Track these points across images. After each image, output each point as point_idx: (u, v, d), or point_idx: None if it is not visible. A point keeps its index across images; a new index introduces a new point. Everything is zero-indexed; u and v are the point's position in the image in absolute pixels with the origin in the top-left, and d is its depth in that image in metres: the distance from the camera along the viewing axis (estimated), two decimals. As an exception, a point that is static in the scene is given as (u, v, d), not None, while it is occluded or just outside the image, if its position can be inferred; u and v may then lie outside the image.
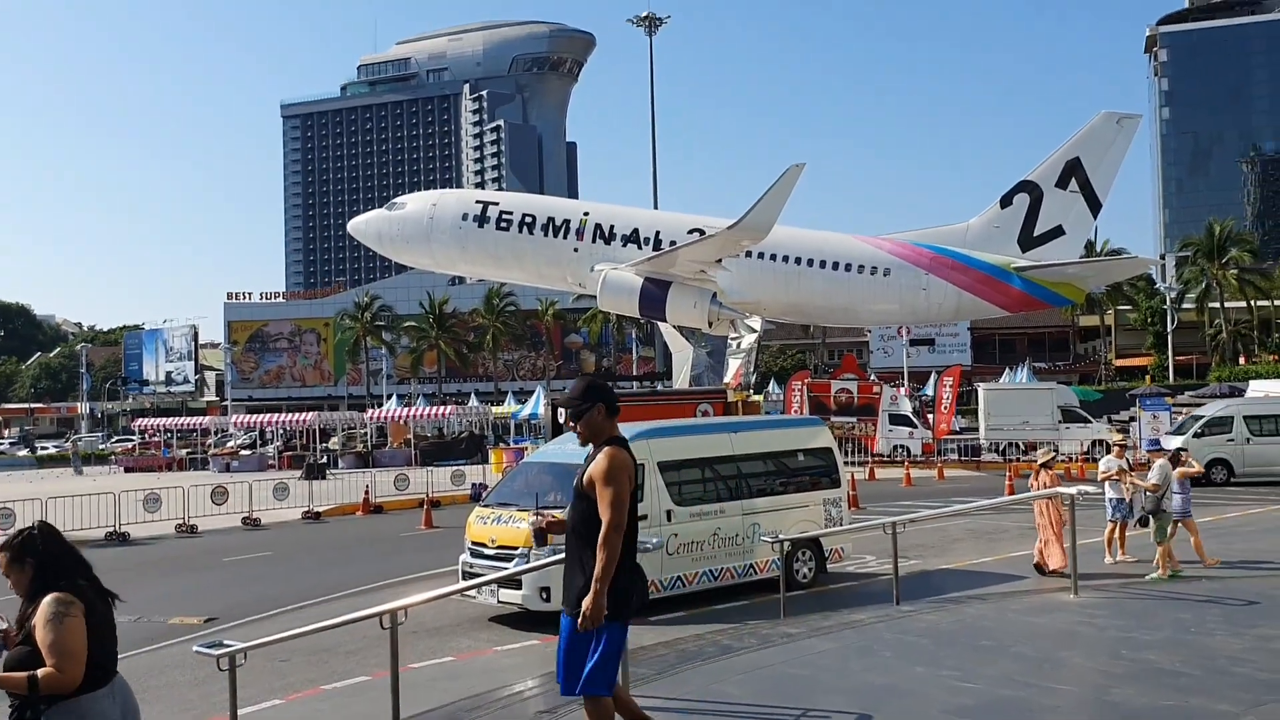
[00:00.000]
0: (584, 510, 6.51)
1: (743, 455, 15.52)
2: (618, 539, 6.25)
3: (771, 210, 31.22)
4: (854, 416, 38.50)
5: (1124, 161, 37.82)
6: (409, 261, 43.39)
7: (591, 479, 6.47)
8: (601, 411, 6.73)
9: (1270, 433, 29.86)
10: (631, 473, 6.51)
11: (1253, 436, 29.76)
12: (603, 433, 6.73)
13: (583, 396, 6.82)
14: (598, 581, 6.17)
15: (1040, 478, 16.52)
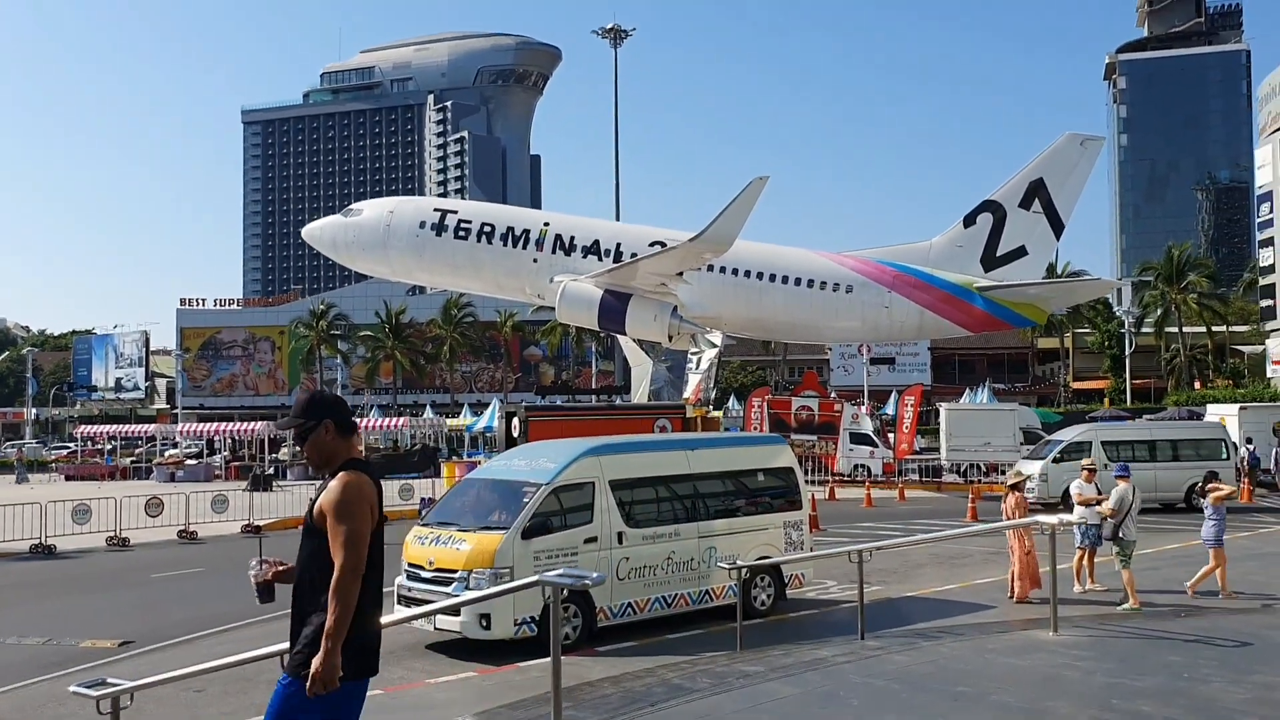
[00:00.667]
0: (314, 548, 5.37)
1: (700, 474, 14.75)
2: (354, 584, 5.16)
3: (734, 223, 30.68)
4: (815, 435, 37.94)
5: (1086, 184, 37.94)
6: (364, 269, 42.41)
7: (322, 511, 5.32)
8: (331, 430, 5.50)
9: (1128, 459, 29.15)
10: (374, 503, 5.38)
11: (1110, 462, 29.34)
12: (335, 456, 5.52)
13: (305, 412, 5.56)
14: (329, 638, 5.08)
15: (1009, 500, 15.95)
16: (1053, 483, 28.88)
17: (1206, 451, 30.08)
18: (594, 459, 13.82)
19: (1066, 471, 28.33)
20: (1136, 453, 29.71)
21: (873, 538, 23.40)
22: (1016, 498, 15.88)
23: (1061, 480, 28.19)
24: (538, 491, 13.31)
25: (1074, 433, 31.55)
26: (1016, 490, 16.03)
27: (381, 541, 5.43)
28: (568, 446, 14.57)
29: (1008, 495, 16.14)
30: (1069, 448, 30.00)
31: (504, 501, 13.62)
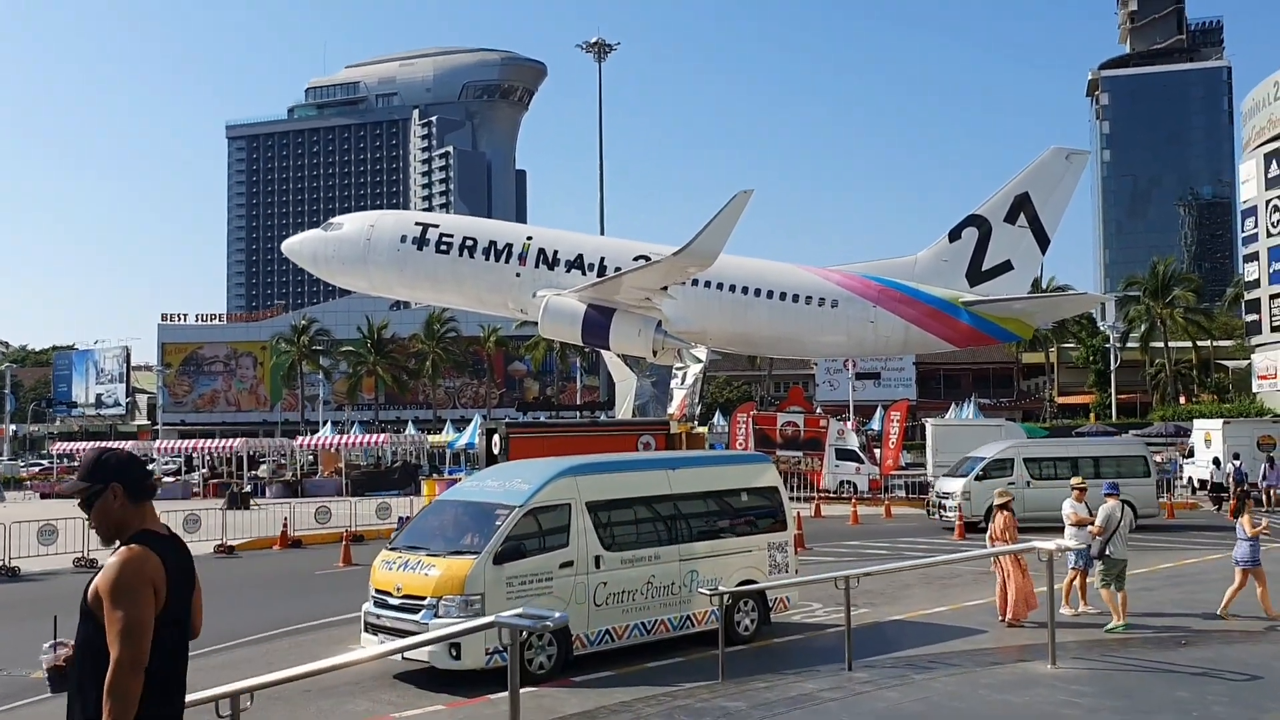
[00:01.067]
0: (87, 635, 4.60)
1: (681, 494, 14.20)
2: (132, 681, 4.39)
3: (718, 236, 30.28)
4: (800, 450, 37.52)
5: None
6: (345, 284, 41.94)
7: (96, 593, 4.54)
8: (119, 495, 4.68)
9: (1050, 476, 28.91)
10: (160, 583, 4.57)
11: (1033, 480, 28.90)
12: (125, 525, 4.70)
13: (90, 474, 4.74)
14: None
15: (997, 521, 15.50)
16: (975, 501, 28.36)
17: (1127, 469, 29.43)
18: (570, 479, 13.29)
19: (989, 489, 27.93)
20: (1059, 470, 29.12)
21: (859, 557, 22.94)
22: (1004, 518, 15.41)
23: (984, 498, 27.52)
24: (511, 514, 12.78)
25: (995, 449, 30.96)
26: (1004, 510, 15.54)
27: (187, 622, 4.73)
28: (543, 466, 14.04)
29: (995, 515, 15.68)
30: (991, 465, 29.50)
31: (476, 524, 13.05)
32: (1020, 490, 28.06)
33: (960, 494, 28.39)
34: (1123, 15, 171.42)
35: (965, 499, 28.39)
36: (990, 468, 29.29)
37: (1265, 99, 67.50)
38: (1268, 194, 64.57)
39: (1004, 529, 15.27)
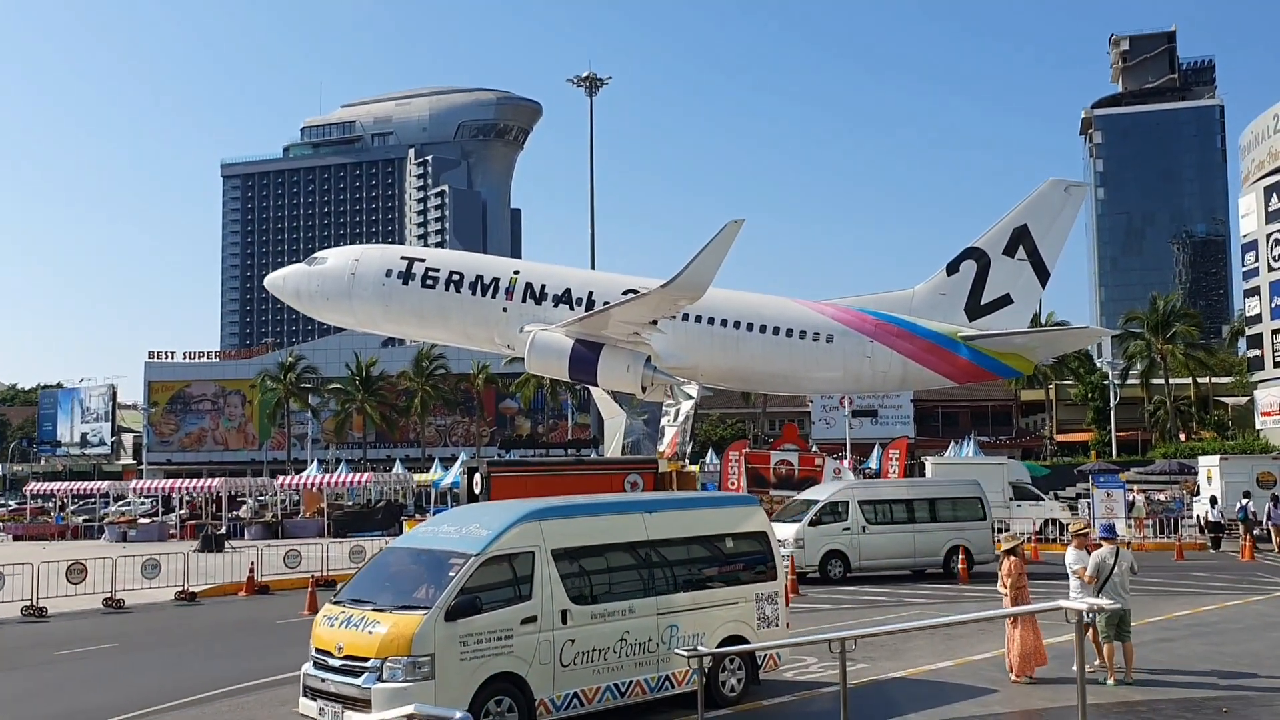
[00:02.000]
0: None
1: (660, 540, 12.90)
2: None
3: (708, 268, 29.28)
4: (794, 490, 36.13)
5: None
6: (329, 320, 40.99)
7: None
8: None
9: (886, 520, 27.46)
10: None
11: (869, 524, 27.37)
12: None
13: None
14: None
15: (1004, 567, 14.34)
16: (809, 549, 26.85)
17: (964, 511, 28.32)
18: (534, 524, 11.99)
19: (825, 535, 26.84)
20: (895, 513, 27.77)
21: (856, 604, 21.63)
22: (1013, 563, 14.21)
23: (819, 545, 26.58)
24: (466, 563, 11.45)
25: (828, 492, 29.22)
26: (1013, 555, 14.32)
27: None
28: (504, 510, 12.81)
29: (1002, 561, 14.47)
30: (825, 509, 27.81)
31: (428, 575, 11.72)
32: (855, 536, 26.91)
33: (793, 541, 26.25)
34: (1115, 55, 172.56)
35: (798, 547, 26.45)
36: (823, 512, 27.66)
37: (1265, 132, 66.80)
38: (1268, 228, 63.64)
39: (1011, 577, 14.08)
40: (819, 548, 26.42)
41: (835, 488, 30.08)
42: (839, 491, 29.06)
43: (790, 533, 26.87)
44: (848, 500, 27.95)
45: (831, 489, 29.62)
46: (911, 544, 26.84)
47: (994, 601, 16.63)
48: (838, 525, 27.02)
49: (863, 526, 26.94)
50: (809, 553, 26.68)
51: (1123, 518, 34.26)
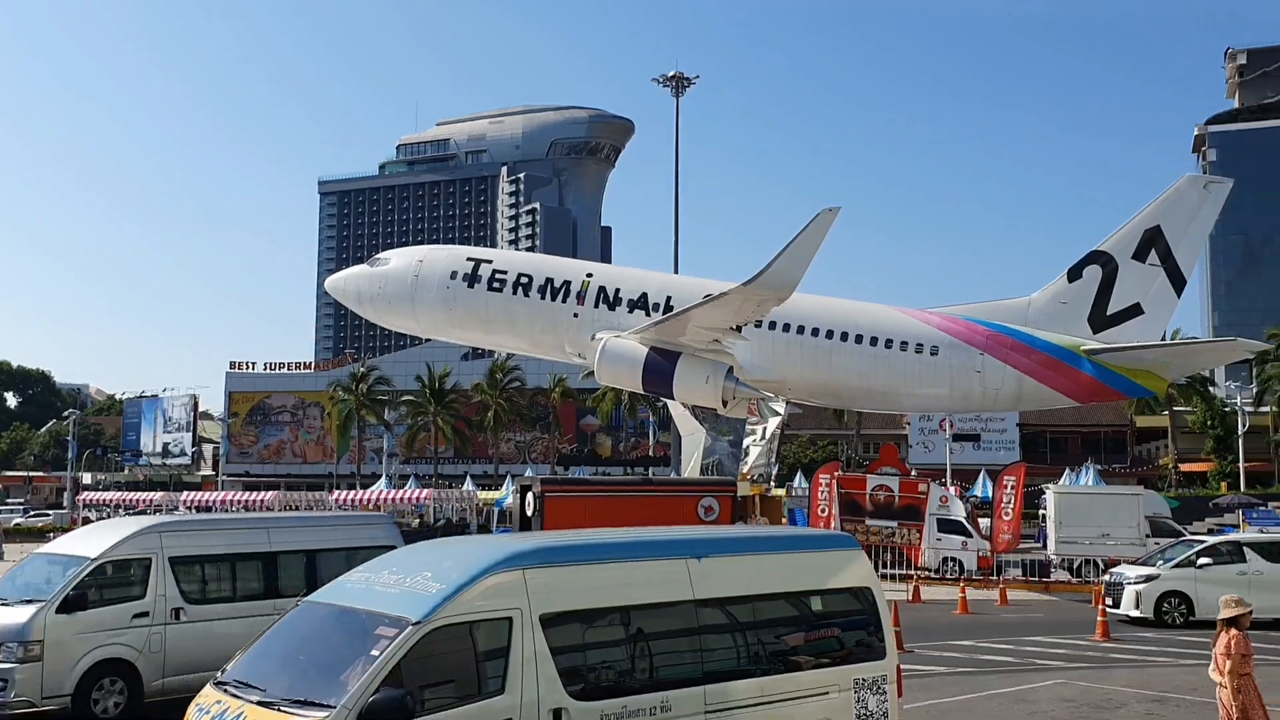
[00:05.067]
0: None
1: (713, 599, 9.00)
2: None
3: (798, 262, 26.06)
4: (894, 520, 32.37)
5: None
6: (391, 325, 39.09)
7: None
8: None
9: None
10: None
11: None
12: None
13: None
14: None
15: (1222, 643, 10.44)
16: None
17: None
18: (514, 574, 8.18)
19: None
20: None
21: (978, 666, 17.88)
22: (1234, 637, 10.36)
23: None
24: (400, 636, 7.70)
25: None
26: (1235, 627, 10.44)
27: None
28: (472, 553, 8.88)
29: (1220, 635, 10.60)
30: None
31: (346, 650, 8.03)
32: None
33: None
34: (1231, 69, 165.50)
35: None
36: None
37: None
38: None
39: (1230, 654, 10.33)
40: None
41: None
42: None
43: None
44: None
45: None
46: None
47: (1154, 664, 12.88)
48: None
49: None
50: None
51: (1281, 559, 29.79)
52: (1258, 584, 22.92)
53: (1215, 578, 23.17)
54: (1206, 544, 24.93)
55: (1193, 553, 24.49)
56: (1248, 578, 23.12)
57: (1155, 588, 23.78)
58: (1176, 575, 23.86)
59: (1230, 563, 23.87)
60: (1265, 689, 10.41)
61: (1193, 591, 23.46)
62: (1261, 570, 23.52)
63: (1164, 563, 24.66)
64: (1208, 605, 22.27)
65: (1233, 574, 23.32)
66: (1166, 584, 23.82)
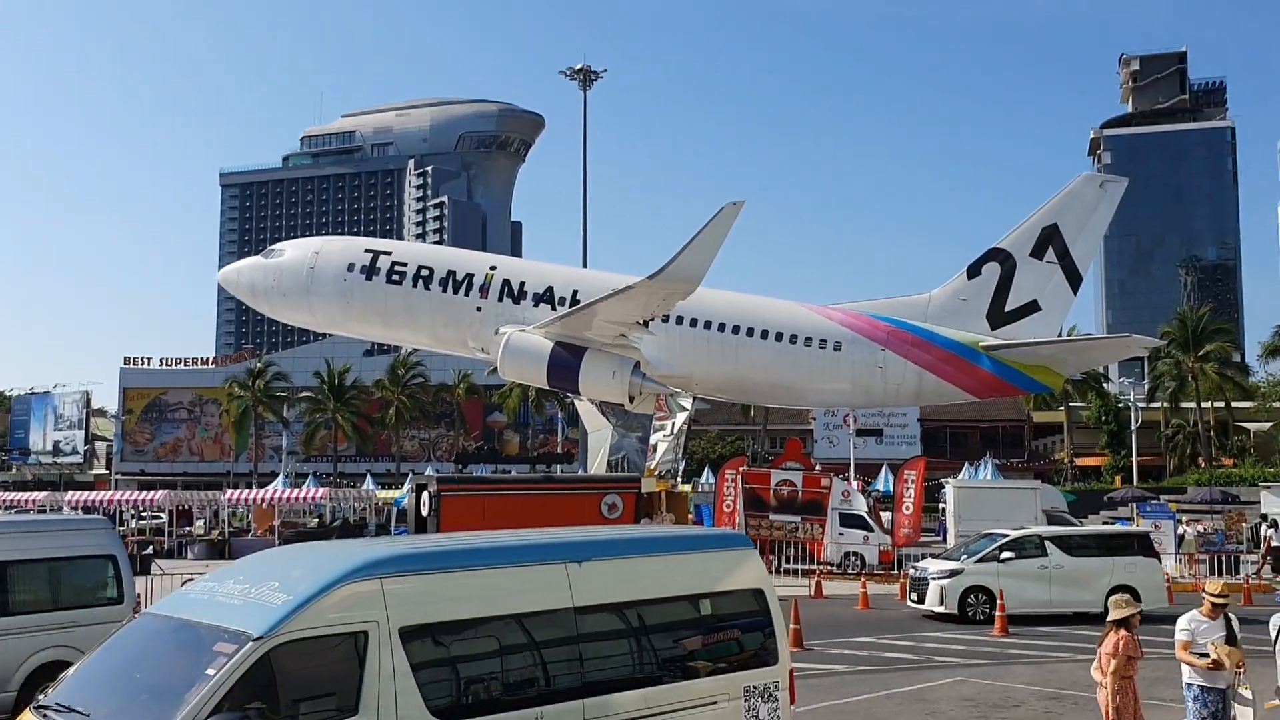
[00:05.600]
0: None
1: (592, 606, 8.35)
2: None
3: (703, 255, 25.77)
4: (798, 515, 32.29)
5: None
6: (287, 319, 37.81)
7: None
8: None
9: None
10: None
11: None
12: None
13: None
14: None
15: (1109, 643, 10.13)
16: None
17: None
18: (370, 584, 7.38)
19: None
20: None
21: (878, 664, 17.70)
22: (1123, 638, 10.03)
23: None
24: (241, 652, 6.91)
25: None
26: (1125, 628, 10.08)
27: None
28: (326, 560, 7.96)
29: (1107, 634, 10.27)
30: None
31: (182, 668, 7.20)
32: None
33: None
34: (1125, 75, 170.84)
35: None
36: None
37: None
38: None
39: (1116, 654, 10.01)
40: None
41: None
42: None
43: None
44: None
45: None
46: None
47: (1052, 660, 12.87)
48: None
49: None
50: None
51: (1173, 553, 30.44)
52: (1058, 578, 23.32)
53: (1018, 572, 23.25)
54: (1009, 538, 24.45)
55: (995, 547, 24.06)
56: (1049, 571, 23.34)
57: (959, 583, 23.38)
58: (980, 570, 23.49)
59: (1033, 557, 23.72)
60: (1150, 684, 10.32)
61: (996, 586, 23.09)
62: (1062, 564, 23.57)
63: (968, 557, 24.24)
64: (1011, 599, 22.60)
65: (1034, 568, 23.39)
66: (971, 579, 23.44)
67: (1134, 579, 23.00)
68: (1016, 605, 22.58)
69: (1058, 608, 23.24)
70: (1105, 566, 23.55)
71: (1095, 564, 23.68)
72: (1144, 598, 22.12)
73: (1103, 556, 23.95)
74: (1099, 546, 24.65)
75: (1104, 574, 23.27)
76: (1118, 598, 10.45)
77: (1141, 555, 24.20)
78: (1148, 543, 24.97)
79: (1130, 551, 24.21)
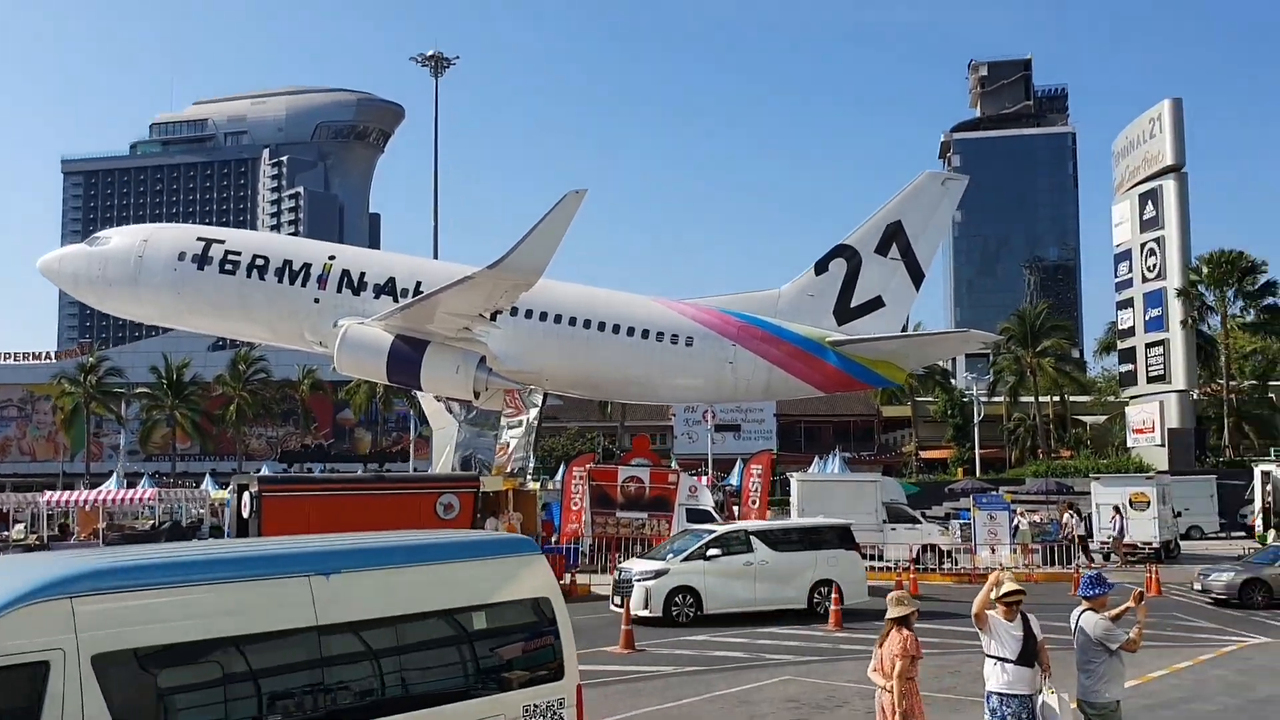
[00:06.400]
0: None
1: (341, 625, 7.27)
2: None
3: (544, 246, 25.17)
4: (645, 511, 31.96)
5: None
6: (114, 310, 35.88)
7: None
8: None
9: None
10: None
11: None
12: None
13: None
14: None
15: (896, 643, 9.44)
16: None
17: None
18: (57, 605, 6.18)
19: None
20: None
21: (705, 662, 17.32)
22: (907, 638, 9.43)
23: None
24: None
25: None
26: (906, 626, 9.49)
27: None
28: (6, 576, 6.58)
29: (890, 633, 9.57)
30: None
31: None
32: None
33: None
34: (974, 80, 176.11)
35: None
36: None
37: (1140, 137, 64.92)
38: (1143, 236, 62.64)
39: (899, 658, 9.39)
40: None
41: None
42: None
43: None
44: None
45: None
46: None
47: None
48: None
49: None
50: None
51: (1007, 544, 31.25)
52: (763, 574, 22.25)
53: (723, 570, 22.06)
54: (715, 534, 23.10)
55: (702, 544, 22.54)
56: (754, 568, 22.25)
57: (665, 583, 21.69)
58: (686, 569, 21.98)
59: (739, 553, 22.43)
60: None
61: (701, 585, 21.88)
62: (767, 560, 22.42)
63: (674, 555, 22.66)
64: (716, 599, 21.75)
65: (739, 565, 22.21)
66: (676, 579, 21.86)
67: (836, 573, 22.47)
68: (721, 604, 21.79)
69: (762, 605, 22.22)
70: (809, 561, 22.65)
71: (799, 559, 22.71)
72: (845, 591, 22.19)
73: (806, 551, 22.98)
74: (802, 541, 23.49)
75: (807, 569, 22.48)
76: (896, 594, 9.90)
77: (843, 548, 23.33)
78: (848, 535, 23.94)
79: (832, 545, 23.26)
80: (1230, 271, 60.82)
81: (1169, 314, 61.36)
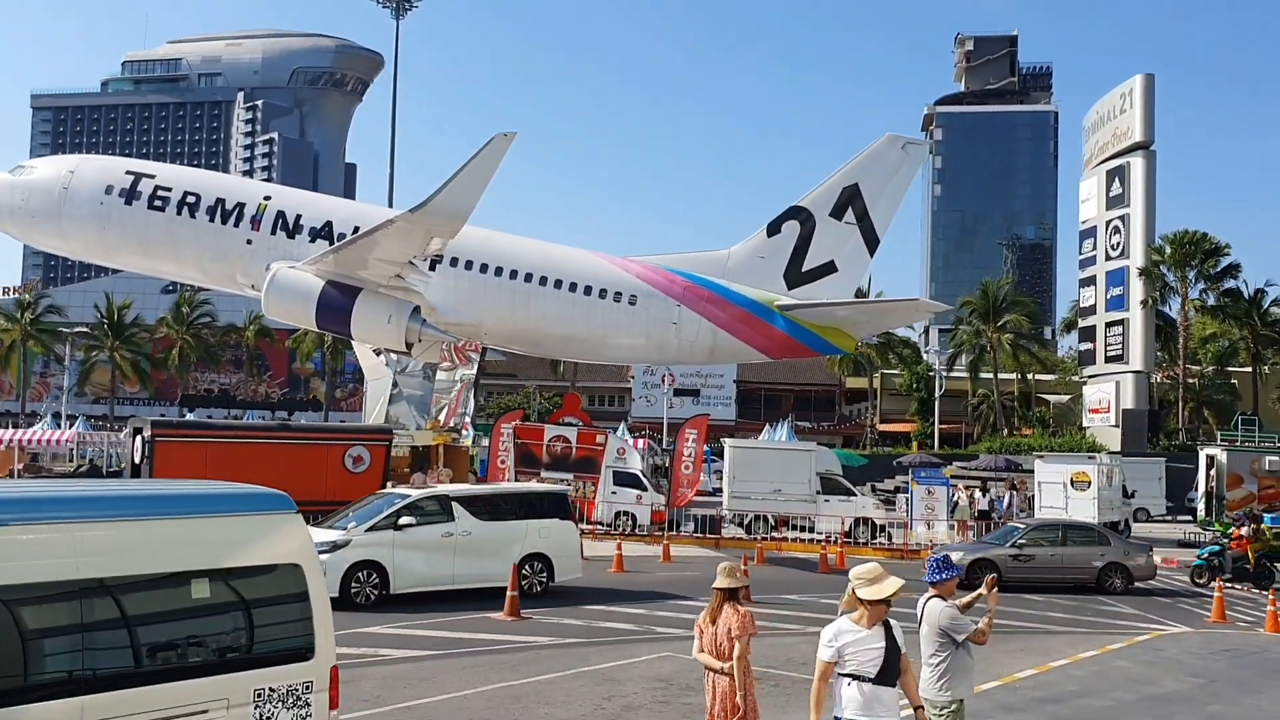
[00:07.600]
0: None
1: (14, 587, 5.88)
2: None
3: (469, 190, 24.07)
4: (570, 472, 30.98)
5: (903, 203, 33.13)
6: (37, 244, 34.71)
7: None
8: None
9: None
10: None
11: None
12: None
13: None
14: None
15: (735, 621, 8.32)
16: None
17: None
18: None
19: None
20: None
21: (588, 634, 16.22)
22: (745, 615, 8.36)
23: None
24: None
25: None
26: (735, 602, 8.42)
27: None
28: None
29: (721, 608, 8.45)
30: None
31: None
32: None
33: None
34: (960, 54, 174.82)
35: None
36: None
37: (1110, 112, 63.70)
38: (1109, 214, 61.68)
39: (735, 636, 8.28)
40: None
41: None
42: None
43: None
44: None
45: None
46: None
47: (776, 633, 11.63)
48: None
49: None
50: None
51: (944, 520, 30.53)
52: (465, 547, 19.16)
53: (417, 542, 18.72)
54: (409, 500, 19.48)
55: (393, 511, 19.01)
56: (454, 539, 19.11)
57: (343, 558, 18.04)
58: (371, 541, 18.43)
59: (437, 523, 19.18)
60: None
61: (390, 560, 18.46)
62: (470, 530, 19.29)
63: (357, 524, 18.94)
64: (407, 576, 18.60)
65: (438, 536, 18.98)
66: (358, 552, 18.27)
67: (547, 545, 19.92)
68: (412, 583, 18.66)
69: (462, 583, 19.13)
70: (518, 532, 19.68)
71: (507, 529, 19.70)
72: (557, 567, 19.82)
73: (517, 520, 19.98)
74: (514, 509, 20.43)
75: (516, 541, 19.50)
76: (727, 565, 8.67)
77: (558, 518, 20.48)
78: (564, 503, 21.35)
79: (546, 514, 20.36)
80: (1192, 253, 60.06)
81: (1130, 293, 60.65)
